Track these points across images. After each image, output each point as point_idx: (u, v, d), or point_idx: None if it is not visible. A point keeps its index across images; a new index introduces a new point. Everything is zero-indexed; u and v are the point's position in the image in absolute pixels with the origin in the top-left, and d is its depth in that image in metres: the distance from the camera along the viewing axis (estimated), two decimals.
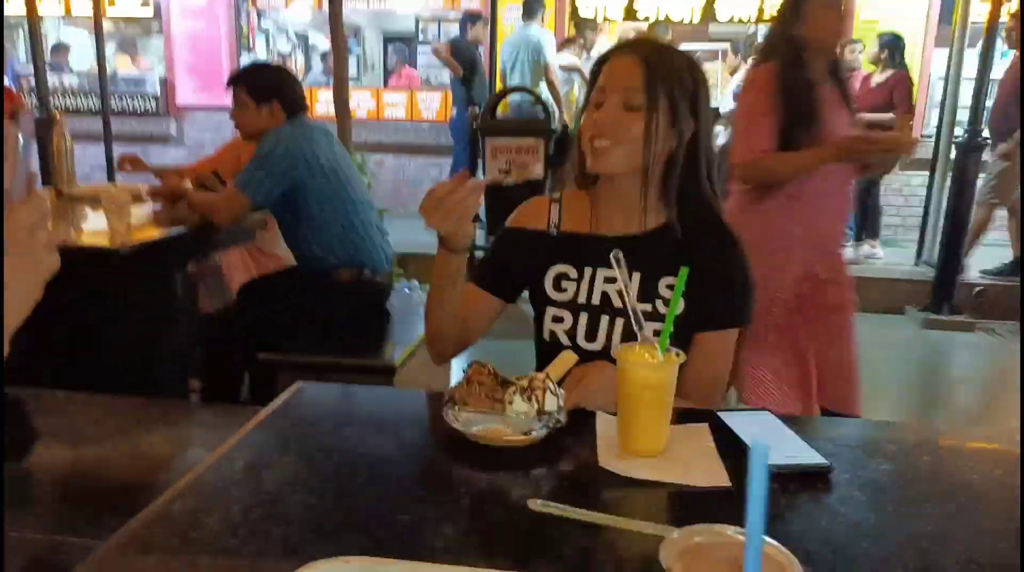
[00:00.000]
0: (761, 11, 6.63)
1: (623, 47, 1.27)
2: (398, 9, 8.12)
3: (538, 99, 5.17)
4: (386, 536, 0.77)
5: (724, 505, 0.86)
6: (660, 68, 1.22)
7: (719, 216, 1.32)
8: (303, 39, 9.53)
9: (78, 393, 1.74)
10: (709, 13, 6.71)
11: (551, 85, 5.67)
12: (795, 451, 0.97)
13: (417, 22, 9.61)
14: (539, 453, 0.97)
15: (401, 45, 8.00)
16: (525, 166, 5.12)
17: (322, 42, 9.34)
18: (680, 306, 1.25)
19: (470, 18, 6.12)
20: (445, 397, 1.03)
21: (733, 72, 5.96)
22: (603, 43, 6.12)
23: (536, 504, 0.80)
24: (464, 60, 5.96)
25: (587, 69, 5.68)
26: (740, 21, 6.74)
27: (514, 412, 0.99)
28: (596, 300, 1.28)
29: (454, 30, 6.82)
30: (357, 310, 2.64)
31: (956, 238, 4.60)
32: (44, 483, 1.40)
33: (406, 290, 4.10)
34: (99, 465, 1.44)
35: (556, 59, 5.83)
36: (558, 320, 1.30)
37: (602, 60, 1.28)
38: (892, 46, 5.46)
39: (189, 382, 2.70)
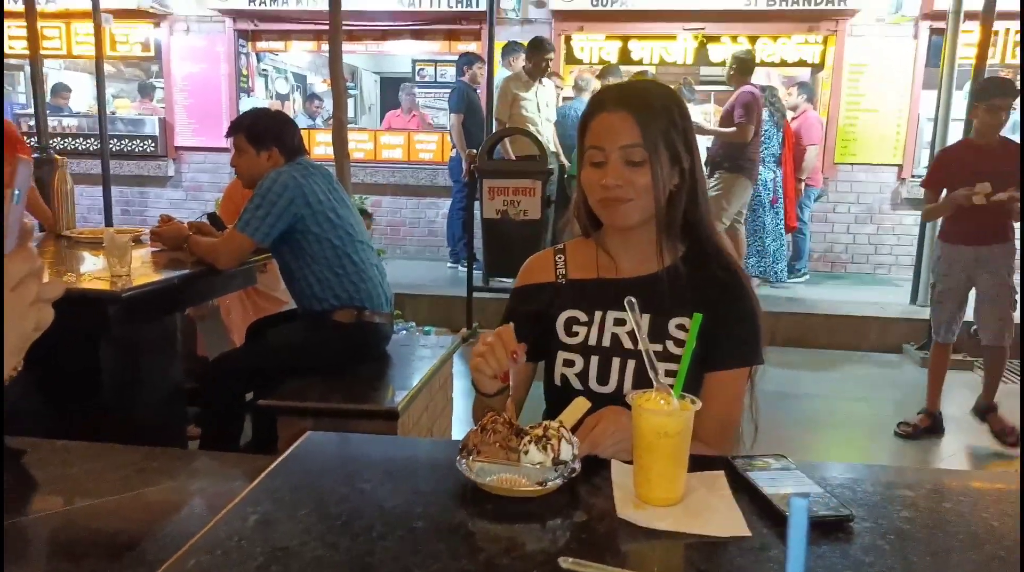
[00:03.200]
0: (752, 52, 6.77)
1: (609, 101, 1.27)
2: (394, 51, 8.24)
3: (535, 140, 5.22)
4: None
5: (745, 555, 0.85)
6: (651, 117, 1.23)
7: (724, 251, 1.33)
8: (302, 80, 9.67)
9: (75, 442, 1.71)
10: (701, 55, 6.83)
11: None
12: (814, 498, 0.95)
13: (413, 64, 9.78)
14: (555, 503, 0.95)
15: (408, 86, 8.08)
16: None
17: (320, 84, 9.48)
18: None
19: (468, 60, 6.21)
20: (460, 446, 1.02)
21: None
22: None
23: (567, 562, 0.79)
24: (462, 102, 6.03)
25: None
26: None
27: (529, 462, 0.97)
28: (607, 342, 1.29)
29: (450, 72, 6.90)
30: (358, 352, 2.62)
31: None
32: (41, 535, 1.36)
33: (404, 332, 4.09)
34: (98, 516, 1.40)
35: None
36: (569, 364, 1.30)
37: (589, 115, 1.28)
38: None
39: (187, 429, 2.67)
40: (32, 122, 6.19)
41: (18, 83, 9.10)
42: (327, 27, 4.08)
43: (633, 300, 1.09)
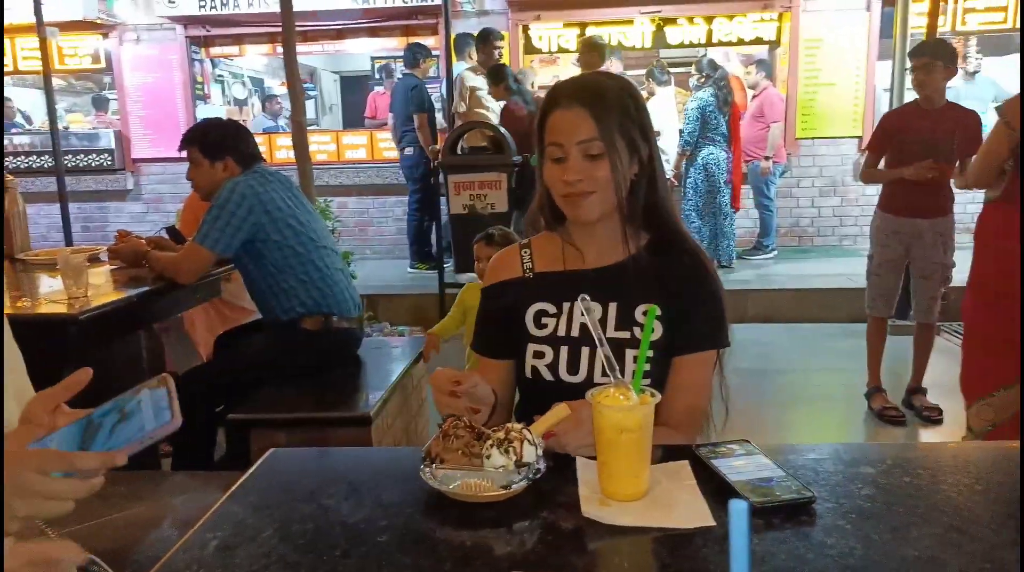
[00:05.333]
0: (710, 34, 6.80)
1: (563, 97, 1.27)
2: (352, 50, 8.15)
3: (496, 132, 5.20)
4: None
5: (710, 545, 0.85)
6: (608, 111, 1.24)
7: (686, 237, 1.35)
8: (260, 84, 9.53)
9: None
10: (659, 38, 6.85)
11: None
12: (777, 483, 0.96)
13: (372, 62, 9.68)
14: (521, 505, 0.95)
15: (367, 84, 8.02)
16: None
17: (278, 86, 9.35)
18: (658, 332, 1.26)
19: (419, 53, 6.07)
20: (422, 455, 1.01)
21: (650, 97, 6.04)
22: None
23: None
24: (426, 100, 5.96)
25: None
26: (691, 44, 6.89)
27: (492, 466, 0.97)
28: (576, 333, 1.29)
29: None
30: (328, 359, 2.60)
31: None
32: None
33: (376, 334, 4.06)
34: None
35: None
36: (539, 355, 1.30)
37: (545, 112, 1.29)
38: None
39: (158, 447, 2.63)
40: None
41: None
42: (280, 29, 4.02)
43: (588, 298, 1.09)
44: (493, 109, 5.65)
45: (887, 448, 1.45)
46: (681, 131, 5.66)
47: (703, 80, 5.72)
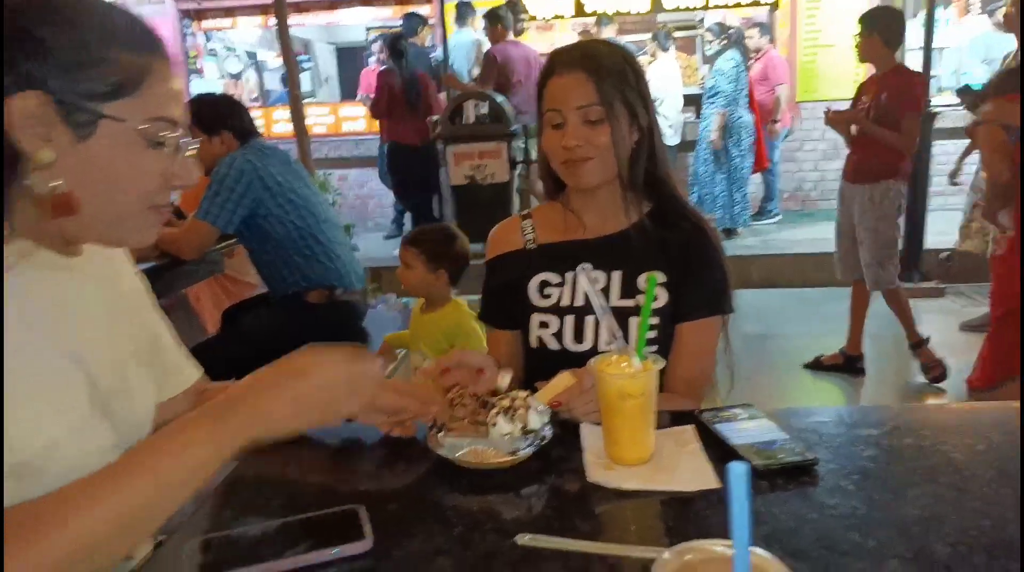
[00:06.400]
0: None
1: (561, 63, 1.27)
2: (346, 20, 8.04)
3: (493, 101, 5.16)
4: None
5: (714, 508, 0.87)
6: (607, 76, 1.24)
7: (687, 205, 1.35)
8: (253, 57, 9.41)
9: None
10: (657, 2, 6.75)
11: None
12: (780, 445, 0.97)
13: (367, 32, 9.55)
14: (527, 471, 0.96)
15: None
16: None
17: (273, 59, 9.24)
18: (663, 299, 1.27)
19: (418, 22, 6.02)
20: (427, 424, 1.02)
21: (652, 61, 6.00)
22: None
23: (524, 539, 0.80)
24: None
25: None
26: (688, 9, 6.79)
27: (498, 433, 0.98)
28: (580, 302, 1.30)
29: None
30: (334, 332, 2.61)
31: (918, 206, 4.67)
32: None
33: (382, 306, 4.08)
34: None
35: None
36: (544, 325, 1.31)
37: (544, 78, 1.28)
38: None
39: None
40: None
41: None
42: (272, 0, 3.97)
43: (588, 266, 1.09)
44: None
45: (889, 410, 1.46)
46: (717, 92, 5.58)
47: (724, 42, 5.65)
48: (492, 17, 5.36)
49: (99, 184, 0.77)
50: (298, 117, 3.97)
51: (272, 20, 6.78)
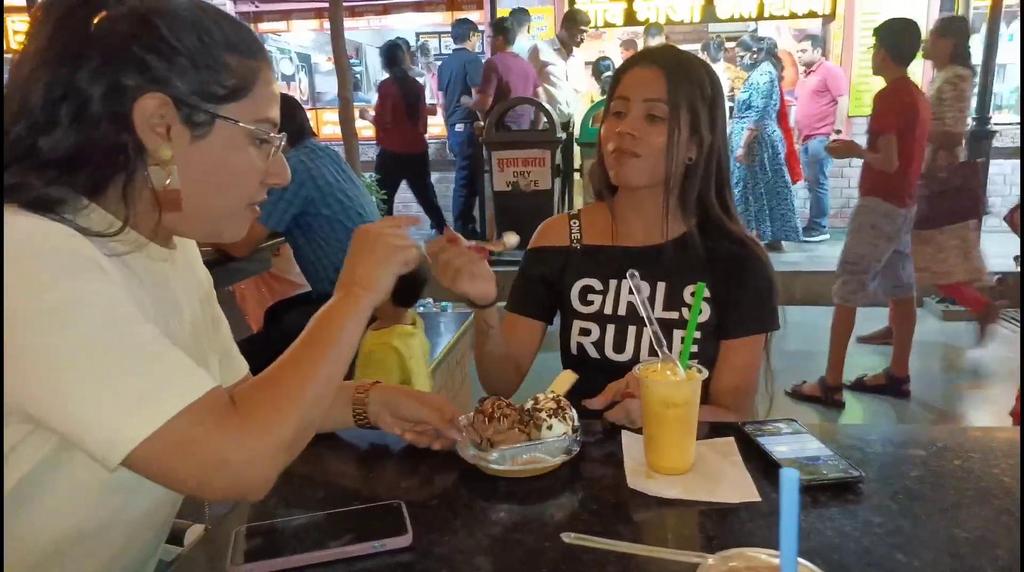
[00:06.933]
0: (761, 7, 6.62)
1: (644, 57, 1.29)
2: (397, 25, 8.16)
3: (541, 108, 5.18)
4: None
5: (755, 520, 0.86)
6: (682, 78, 1.23)
7: (737, 223, 1.33)
8: (306, 59, 9.60)
9: None
10: (709, 12, 6.70)
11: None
12: (824, 461, 0.96)
13: (417, 37, 9.67)
14: (567, 477, 0.97)
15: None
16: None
17: (325, 63, 9.41)
18: (706, 314, 1.26)
19: (469, 28, 6.05)
20: (469, 441, 1.01)
21: None
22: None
23: (569, 537, 0.80)
24: (472, 73, 5.95)
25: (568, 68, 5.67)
26: (741, 18, 6.73)
27: (554, 435, 0.99)
28: (622, 311, 1.30)
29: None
30: None
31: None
32: None
33: (420, 309, 4.11)
34: None
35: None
36: (585, 333, 1.31)
37: (623, 69, 1.29)
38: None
39: None
40: None
41: None
42: (328, 4, 4.05)
43: (636, 274, 1.09)
44: (560, 85, 5.63)
45: (937, 431, 1.43)
46: (750, 106, 5.52)
47: (756, 55, 5.59)
48: (497, 28, 5.42)
49: (208, 182, 0.81)
50: (347, 120, 4.04)
51: (327, 24, 6.92)
